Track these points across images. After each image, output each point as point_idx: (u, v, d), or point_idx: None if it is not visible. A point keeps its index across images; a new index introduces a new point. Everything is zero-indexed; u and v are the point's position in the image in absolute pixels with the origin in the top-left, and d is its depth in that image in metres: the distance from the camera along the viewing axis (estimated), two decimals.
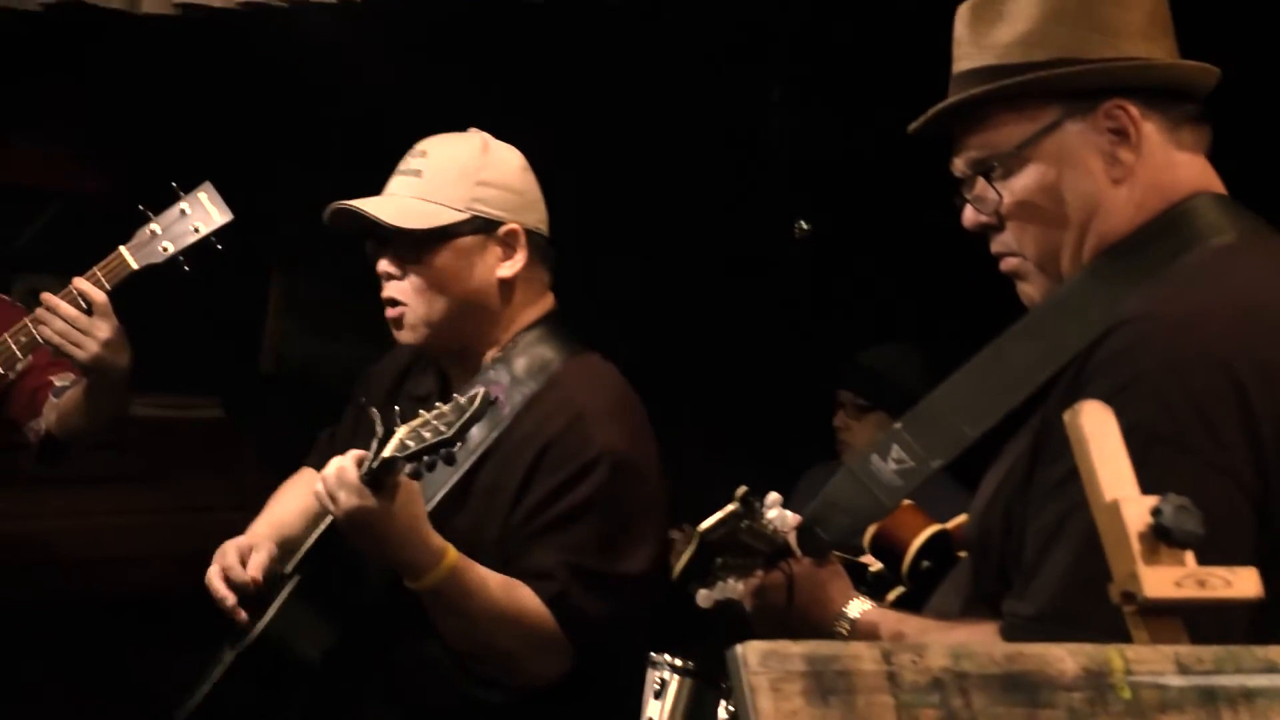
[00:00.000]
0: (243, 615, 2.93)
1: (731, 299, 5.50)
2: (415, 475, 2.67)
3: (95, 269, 3.41)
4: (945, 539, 2.48)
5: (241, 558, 2.99)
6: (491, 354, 2.95)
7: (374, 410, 2.70)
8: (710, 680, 3.33)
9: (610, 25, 4.44)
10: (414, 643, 2.87)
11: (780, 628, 2.32)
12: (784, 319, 5.39)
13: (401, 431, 2.62)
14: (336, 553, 2.88)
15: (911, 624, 2.22)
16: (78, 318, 3.34)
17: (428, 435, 2.60)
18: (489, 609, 2.76)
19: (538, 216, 2.99)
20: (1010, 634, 1.97)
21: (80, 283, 3.38)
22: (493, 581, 2.78)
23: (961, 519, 2.43)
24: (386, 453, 2.61)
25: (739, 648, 1.32)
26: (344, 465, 2.68)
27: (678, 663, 3.36)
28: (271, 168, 5.52)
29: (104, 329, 3.34)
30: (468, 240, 2.90)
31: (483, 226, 2.91)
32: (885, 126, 2.75)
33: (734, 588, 2.39)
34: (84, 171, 5.78)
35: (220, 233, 3.45)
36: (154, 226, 3.43)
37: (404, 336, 2.96)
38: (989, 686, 1.35)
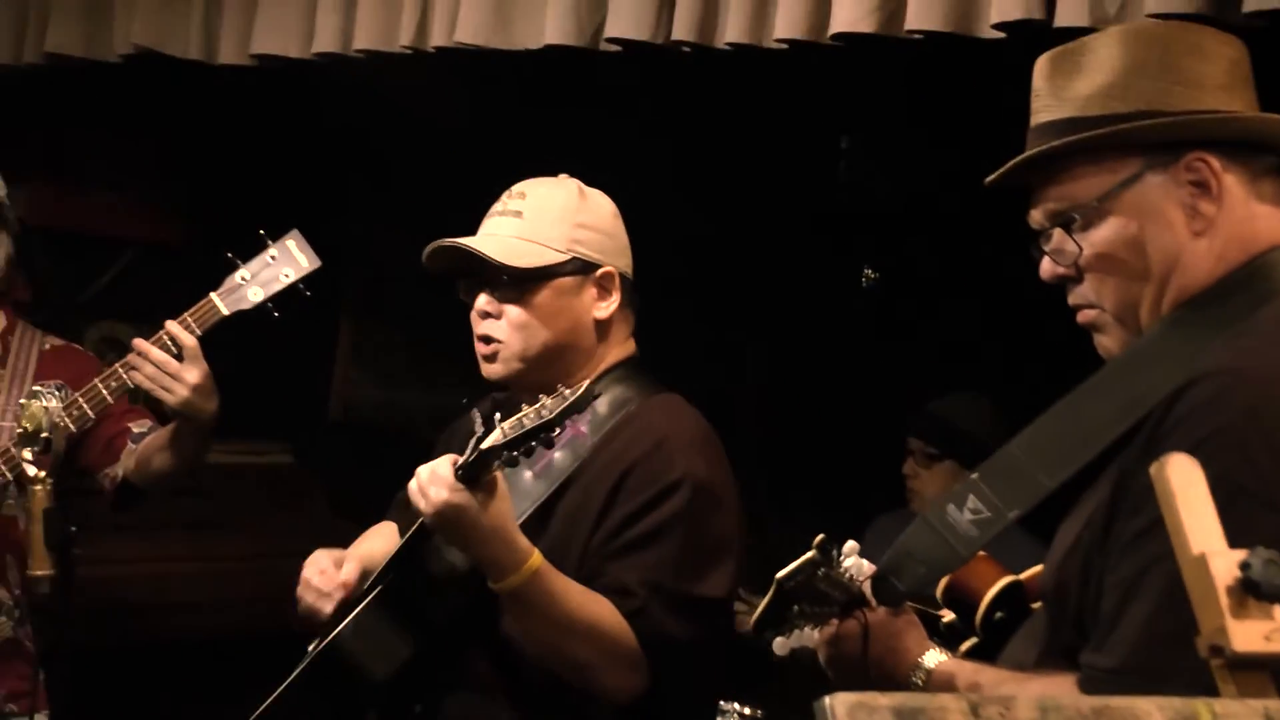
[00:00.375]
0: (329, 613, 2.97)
1: (800, 347, 5.51)
2: (511, 463, 2.68)
3: (186, 314, 3.45)
4: (1019, 590, 2.47)
5: (335, 563, 3.05)
6: None
7: (475, 411, 2.72)
8: None
9: (677, 75, 4.45)
10: (491, 659, 2.88)
11: (855, 677, 2.31)
12: (854, 367, 5.39)
13: (504, 425, 2.64)
14: (418, 565, 2.90)
15: (988, 675, 2.21)
16: (168, 362, 3.39)
17: (528, 423, 2.62)
18: (570, 616, 2.77)
19: (627, 261, 3.04)
20: (1088, 686, 1.95)
21: (172, 327, 3.43)
22: (575, 590, 2.79)
23: (1035, 570, 2.42)
24: (485, 445, 2.63)
25: (827, 698, 1.31)
26: (437, 464, 2.71)
27: (746, 711, 3.36)
28: (341, 215, 5.57)
29: (194, 373, 3.39)
30: (568, 281, 2.95)
31: (581, 268, 2.96)
32: (960, 174, 2.76)
33: (809, 636, 2.39)
34: (157, 220, 5.83)
35: (308, 279, 3.49)
36: (243, 273, 3.48)
37: (495, 370, 2.98)
38: None
